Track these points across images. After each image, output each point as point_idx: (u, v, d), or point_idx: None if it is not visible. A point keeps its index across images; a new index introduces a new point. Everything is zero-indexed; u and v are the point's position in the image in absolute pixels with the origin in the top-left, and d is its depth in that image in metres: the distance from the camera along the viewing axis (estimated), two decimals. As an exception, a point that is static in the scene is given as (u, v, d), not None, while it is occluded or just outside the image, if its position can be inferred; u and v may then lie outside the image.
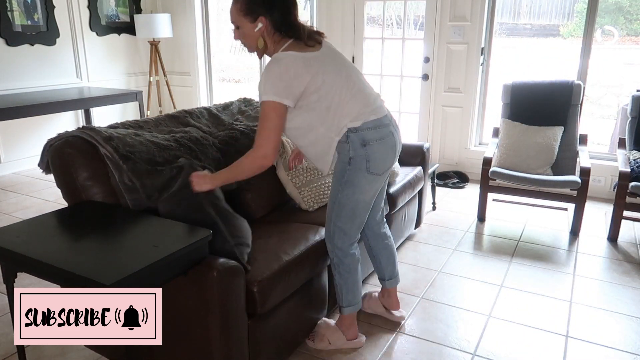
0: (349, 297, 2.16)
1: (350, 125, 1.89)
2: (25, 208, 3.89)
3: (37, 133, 5.02)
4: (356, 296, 2.18)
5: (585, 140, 3.76)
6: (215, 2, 6.10)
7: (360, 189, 1.97)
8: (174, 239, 1.64)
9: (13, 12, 4.62)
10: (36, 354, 2.15)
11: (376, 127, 1.92)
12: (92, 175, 1.89)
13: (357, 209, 2.02)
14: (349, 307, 2.18)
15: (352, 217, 2.03)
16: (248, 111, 2.84)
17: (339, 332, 2.21)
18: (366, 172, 1.93)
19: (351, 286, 2.14)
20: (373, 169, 1.94)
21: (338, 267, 2.12)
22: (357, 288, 2.18)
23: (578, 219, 3.43)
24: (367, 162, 1.92)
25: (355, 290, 2.16)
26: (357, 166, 1.93)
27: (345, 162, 1.95)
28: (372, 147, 1.91)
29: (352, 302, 2.17)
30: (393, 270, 2.38)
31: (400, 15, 5.70)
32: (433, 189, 3.93)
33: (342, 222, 2.03)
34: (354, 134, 1.90)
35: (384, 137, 1.94)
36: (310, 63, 1.82)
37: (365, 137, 1.90)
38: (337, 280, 2.15)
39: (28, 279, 2.74)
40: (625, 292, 2.71)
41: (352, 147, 1.91)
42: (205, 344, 1.66)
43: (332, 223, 2.06)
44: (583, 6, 5.16)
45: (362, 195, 1.99)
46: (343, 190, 1.98)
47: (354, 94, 1.91)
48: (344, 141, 1.92)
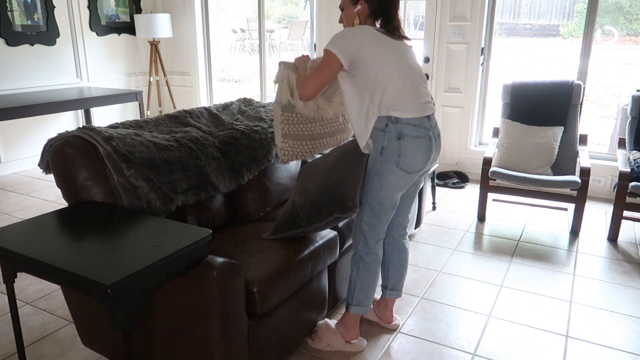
0: (360, 296, 2.14)
1: (393, 112, 1.92)
2: (25, 208, 3.89)
3: (37, 133, 5.02)
4: (367, 297, 2.15)
5: (585, 140, 3.76)
6: (215, 2, 6.11)
7: (388, 183, 1.98)
8: (174, 239, 1.64)
9: (13, 12, 4.62)
10: (36, 354, 2.15)
11: (416, 125, 1.94)
12: (92, 175, 1.89)
13: (383, 204, 2.02)
14: (357, 306, 2.16)
15: (379, 212, 2.04)
16: (248, 111, 2.83)
17: (338, 335, 2.20)
18: (395, 166, 1.95)
19: (366, 285, 2.13)
20: (402, 164, 1.95)
21: (358, 262, 2.12)
22: (371, 290, 2.15)
23: (578, 219, 3.43)
24: (398, 155, 1.93)
25: (368, 291, 2.14)
26: (388, 158, 1.95)
27: (377, 151, 1.98)
28: (406, 142, 1.93)
29: (361, 302, 2.15)
30: (398, 282, 2.33)
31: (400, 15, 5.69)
32: (433, 189, 3.93)
33: (368, 216, 2.05)
34: (393, 125, 1.93)
35: (420, 137, 1.95)
36: (376, 37, 1.97)
37: (403, 130, 1.92)
38: (353, 276, 2.14)
39: (28, 279, 2.76)
40: (625, 292, 2.71)
41: (388, 137, 1.94)
42: (205, 344, 1.66)
43: (358, 217, 2.09)
44: (583, 6, 5.16)
45: (389, 191, 2.00)
46: (373, 181, 2.00)
47: (405, 81, 1.96)
48: (381, 129, 1.95)
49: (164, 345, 1.77)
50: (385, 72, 1.94)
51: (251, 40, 10.68)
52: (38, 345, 2.21)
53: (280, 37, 11.40)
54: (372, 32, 1.97)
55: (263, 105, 2.93)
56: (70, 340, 2.25)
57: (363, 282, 2.13)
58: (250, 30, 10.64)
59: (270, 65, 5.53)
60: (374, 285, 2.16)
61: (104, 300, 1.37)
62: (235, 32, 11.03)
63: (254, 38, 10.02)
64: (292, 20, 11.67)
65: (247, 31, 10.79)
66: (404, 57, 2.00)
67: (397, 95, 1.93)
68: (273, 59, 10.54)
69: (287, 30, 11.41)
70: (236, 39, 11.06)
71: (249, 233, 2.23)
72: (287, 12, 12.26)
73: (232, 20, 11.22)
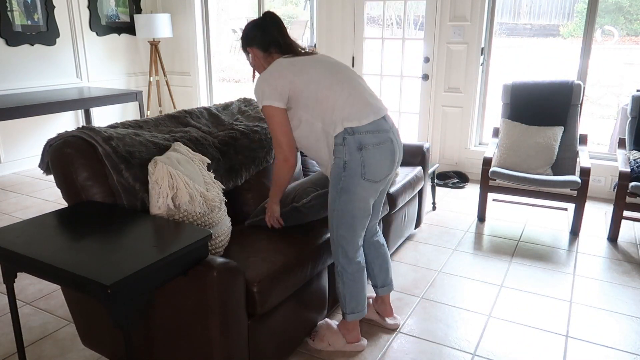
0: (352, 305, 2.13)
1: (347, 124, 1.87)
2: (25, 208, 3.89)
3: (37, 133, 5.02)
4: (360, 303, 2.14)
5: (585, 140, 3.76)
6: (215, 2, 6.11)
7: (356, 196, 1.93)
8: (174, 239, 1.64)
9: (13, 12, 4.62)
10: (36, 353, 2.15)
11: (374, 131, 1.89)
12: (92, 175, 1.89)
13: (356, 217, 1.98)
14: (352, 314, 2.15)
15: (352, 224, 1.99)
16: (248, 111, 2.83)
17: (339, 335, 2.20)
18: (362, 179, 1.90)
19: (355, 294, 2.11)
20: (369, 175, 1.90)
21: (342, 275, 2.09)
22: (362, 296, 2.14)
23: (578, 219, 3.43)
24: (363, 167, 1.88)
25: (359, 298, 2.13)
26: (353, 172, 1.89)
27: (340, 167, 1.91)
28: (369, 152, 1.88)
29: (355, 309, 2.14)
30: (386, 278, 2.33)
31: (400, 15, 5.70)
32: (433, 189, 3.93)
33: (343, 230, 2.00)
34: (350, 137, 1.87)
35: (382, 143, 1.90)
36: (294, 63, 1.95)
37: (362, 140, 1.87)
38: (341, 289, 2.12)
39: (28, 279, 2.76)
40: (625, 292, 2.71)
41: (348, 151, 1.88)
42: (205, 344, 1.66)
43: (333, 232, 2.04)
44: (583, 6, 5.16)
45: (360, 203, 1.95)
46: (340, 197, 1.94)
47: (350, 90, 1.92)
48: (340, 143, 1.89)
49: (164, 345, 1.77)
50: (324, 90, 1.90)
51: (251, 40, 10.65)
52: (38, 345, 2.21)
53: (280, 37, 11.38)
54: (285, 63, 1.95)
55: (263, 105, 2.93)
56: (70, 340, 2.25)
57: (352, 291, 2.11)
58: (250, 30, 10.61)
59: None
60: (364, 290, 2.15)
61: (104, 300, 1.37)
62: (235, 32, 11.02)
63: (254, 38, 9.99)
64: (292, 20, 11.67)
65: (247, 31, 10.77)
66: (330, 67, 1.97)
67: (346, 105, 1.89)
68: (273, 59, 10.53)
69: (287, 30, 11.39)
70: (236, 39, 11.05)
71: (249, 233, 2.23)
72: (287, 12, 12.26)
73: (232, 20, 11.22)
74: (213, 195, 2.00)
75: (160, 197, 1.84)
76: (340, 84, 1.93)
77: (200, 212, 1.90)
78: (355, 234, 2.02)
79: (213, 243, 1.94)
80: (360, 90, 1.95)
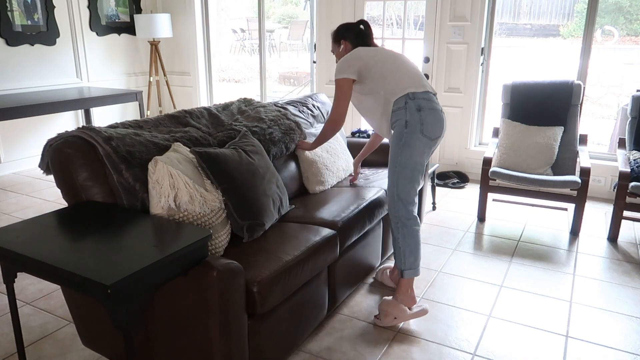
0: (410, 260, 2.36)
1: (409, 90, 2.30)
2: (25, 208, 3.89)
3: (37, 133, 5.02)
4: (417, 260, 2.37)
5: (585, 140, 3.76)
6: (215, 2, 6.11)
7: (416, 150, 2.28)
8: (173, 239, 1.64)
9: (13, 12, 4.62)
10: (36, 353, 2.15)
11: (428, 99, 2.32)
12: (92, 175, 1.89)
13: (415, 170, 2.30)
14: (409, 270, 2.37)
15: (412, 178, 2.31)
16: (248, 111, 2.83)
17: (401, 305, 2.36)
18: (420, 134, 2.27)
19: (413, 249, 2.35)
20: (426, 131, 2.27)
21: (402, 229, 2.34)
22: (418, 251, 2.37)
23: (578, 219, 3.43)
24: (422, 124, 2.26)
25: (416, 254, 2.36)
26: (413, 128, 2.26)
27: (402, 126, 2.28)
28: (425, 113, 2.28)
29: (412, 265, 2.36)
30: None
31: (400, 15, 5.70)
32: (433, 189, 3.93)
33: (402, 183, 2.30)
34: (411, 101, 2.28)
35: (434, 109, 2.32)
36: (368, 50, 2.45)
37: (421, 104, 2.29)
38: (401, 243, 2.36)
39: (28, 279, 2.76)
40: (625, 292, 2.71)
41: (409, 112, 2.27)
42: (205, 344, 1.66)
43: (395, 187, 2.32)
44: (583, 6, 5.16)
45: (419, 157, 2.29)
46: (402, 152, 2.28)
47: (407, 69, 2.40)
48: (402, 107, 2.29)
49: (164, 345, 1.77)
50: (390, 66, 2.37)
51: (251, 40, 10.68)
52: (38, 345, 2.21)
53: (280, 37, 11.41)
54: (362, 50, 2.44)
55: (263, 105, 2.93)
56: (70, 340, 2.25)
57: (410, 246, 2.35)
58: (250, 30, 10.64)
59: (270, 65, 5.53)
60: (419, 246, 2.39)
61: (104, 300, 1.37)
62: (235, 32, 11.03)
63: (254, 38, 10.03)
64: (292, 20, 11.68)
65: (247, 31, 10.80)
66: (393, 54, 2.46)
67: (407, 77, 2.34)
68: (273, 58, 10.56)
69: (287, 30, 11.42)
70: (236, 39, 11.06)
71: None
72: (287, 12, 12.27)
73: (232, 20, 11.22)
74: (213, 195, 2.00)
75: (162, 197, 1.85)
76: (401, 65, 2.41)
77: (200, 212, 1.91)
78: (413, 187, 2.33)
79: (213, 243, 1.94)
80: (415, 71, 2.42)
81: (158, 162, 1.89)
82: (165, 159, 1.92)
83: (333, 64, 4.95)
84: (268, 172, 2.32)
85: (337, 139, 3.14)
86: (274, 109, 2.93)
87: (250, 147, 2.33)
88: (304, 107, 3.21)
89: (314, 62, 5.28)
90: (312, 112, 3.24)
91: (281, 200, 2.37)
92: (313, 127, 3.14)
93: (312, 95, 3.43)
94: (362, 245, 2.59)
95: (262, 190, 2.21)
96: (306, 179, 2.83)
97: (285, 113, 2.92)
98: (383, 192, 2.77)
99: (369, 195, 2.69)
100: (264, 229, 2.19)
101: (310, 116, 3.19)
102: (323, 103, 3.42)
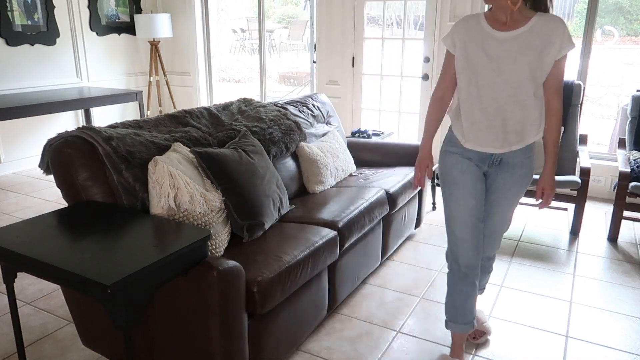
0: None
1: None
2: (25, 208, 3.89)
3: (37, 133, 5.02)
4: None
5: (585, 140, 3.76)
6: (215, 2, 6.11)
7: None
8: (173, 239, 1.64)
9: (13, 12, 4.62)
10: (36, 353, 2.15)
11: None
12: (92, 175, 1.89)
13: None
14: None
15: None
16: (248, 111, 2.84)
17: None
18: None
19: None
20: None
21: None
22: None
23: (578, 219, 3.43)
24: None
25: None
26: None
27: (533, 162, 2.14)
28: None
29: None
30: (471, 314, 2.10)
31: (400, 15, 5.70)
32: (433, 189, 3.93)
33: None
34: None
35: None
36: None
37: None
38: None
39: (28, 279, 2.75)
40: (625, 292, 2.71)
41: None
42: (205, 344, 1.66)
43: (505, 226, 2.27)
44: (583, 6, 5.15)
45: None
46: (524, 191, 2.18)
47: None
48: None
49: (164, 345, 1.77)
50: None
51: (251, 40, 10.69)
52: (38, 345, 2.21)
53: (280, 37, 11.41)
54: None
55: (263, 105, 2.93)
56: (70, 340, 2.25)
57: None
58: (250, 30, 10.64)
59: (270, 65, 5.53)
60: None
61: (104, 300, 1.37)
62: (235, 32, 11.03)
63: (254, 38, 10.03)
64: (292, 20, 11.68)
65: (247, 31, 10.80)
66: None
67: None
68: (273, 58, 10.56)
69: (287, 30, 11.42)
70: (236, 39, 11.06)
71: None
72: (287, 12, 12.27)
73: (232, 20, 11.22)
74: (213, 195, 2.00)
75: (162, 196, 1.85)
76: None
77: (200, 212, 1.91)
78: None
79: (213, 243, 1.95)
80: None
81: (158, 162, 1.89)
82: (166, 159, 1.92)
83: (333, 64, 4.96)
84: (268, 172, 2.32)
85: (337, 139, 3.14)
86: (274, 109, 2.93)
87: (250, 147, 2.33)
88: (304, 107, 3.21)
89: (314, 62, 5.28)
90: (312, 112, 3.24)
91: (281, 200, 2.37)
92: (313, 127, 3.14)
93: (312, 95, 3.43)
94: (362, 245, 2.59)
95: (262, 190, 2.20)
96: (306, 179, 2.84)
97: (285, 113, 2.92)
98: (383, 192, 2.77)
99: (369, 195, 2.69)
100: (264, 229, 2.19)
101: (310, 116, 3.20)
102: (323, 103, 3.42)
